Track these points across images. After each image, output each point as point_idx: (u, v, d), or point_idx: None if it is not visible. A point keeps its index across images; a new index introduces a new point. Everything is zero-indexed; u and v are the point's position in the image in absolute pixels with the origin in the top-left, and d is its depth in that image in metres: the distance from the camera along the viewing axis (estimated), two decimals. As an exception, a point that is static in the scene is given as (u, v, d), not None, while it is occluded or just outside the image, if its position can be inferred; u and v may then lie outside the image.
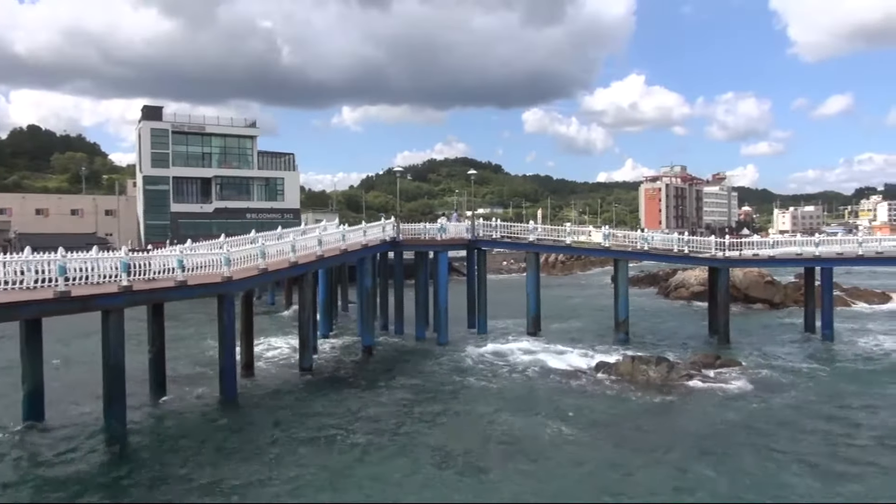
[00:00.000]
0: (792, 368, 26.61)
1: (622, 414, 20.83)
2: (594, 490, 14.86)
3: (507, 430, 19.06)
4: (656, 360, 25.34)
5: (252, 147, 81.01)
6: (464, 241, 36.53)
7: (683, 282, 52.17)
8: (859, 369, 26.76)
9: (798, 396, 22.58)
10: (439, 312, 33.34)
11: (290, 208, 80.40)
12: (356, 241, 32.09)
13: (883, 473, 15.58)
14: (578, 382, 24.61)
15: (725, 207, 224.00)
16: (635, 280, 60.47)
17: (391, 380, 25.23)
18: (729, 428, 19.10)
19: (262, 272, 24.54)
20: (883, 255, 34.67)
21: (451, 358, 29.35)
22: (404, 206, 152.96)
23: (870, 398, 22.26)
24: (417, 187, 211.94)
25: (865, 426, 19.27)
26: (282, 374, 26.26)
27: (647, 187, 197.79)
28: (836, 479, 15.20)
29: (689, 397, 22.48)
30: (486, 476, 15.61)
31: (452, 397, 22.81)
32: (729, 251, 34.39)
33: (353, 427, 19.17)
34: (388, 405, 21.61)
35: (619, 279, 33.91)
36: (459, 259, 52.60)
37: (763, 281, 48.52)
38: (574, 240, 36.40)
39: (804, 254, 34.85)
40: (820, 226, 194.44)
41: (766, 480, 15.19)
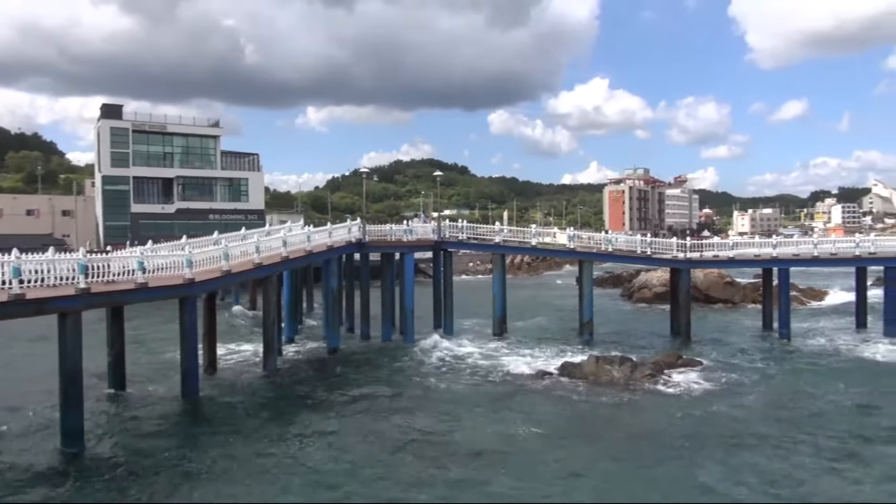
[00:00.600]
0: (751, 367, 27.22)
1: (587, 414, 21.08)
2: (557, 490, 15.00)
3: (471, 431, 19.11)
4: (620, 361, 25.69)
5: (215, 147, 79.82)
6: (430, 243, 36.54)
7: (646, 283, 53.00)
8: (814, 367, 27.46)
9: (757, 395, 23.11)
10: (406, 314, 33.29)
11: (254, 209, 79.43)
12: (321, 242, 31.85)
13: (834, 471, 16.04)
14: (543, 383, 24.80)
15: (687, 209, 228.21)
16: (600, 281, 61.25)
17: (356, 382, 25.09)
18: (690, 427, 19.44)
19: (226, 274, 24.19)
20: (837, 256, 35.73)
21: (417, 359, 29.32)
22: (371, 208, 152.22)
23: (824, 395, 22.87)
24: (384, 188, 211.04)
25: (820, 424, 19.79)
26: (245, 377, 25.90)
27: (611, 189, 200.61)
28: (792, 475, 15.60)
29: (652, 396, 22.84)
30: (450, 477, 15.64)
31: (418, 399, 22.78)
32: (690, 253, 35.08)
33: (317, 432, 18.94)
34: (353, 409, 21.46)
35: (584, 280, 34.31)
36: (426, 260, 52.61)
37: (723, 282, 49.59)
38: (539, 241, 36.70)
39: (762, 255, 35.74)
40: (777, 228, 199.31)
41: (726, 478, 15.50)
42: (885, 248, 35.27)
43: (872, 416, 20.42)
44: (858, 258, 35.10)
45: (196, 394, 21.57)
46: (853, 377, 25.42)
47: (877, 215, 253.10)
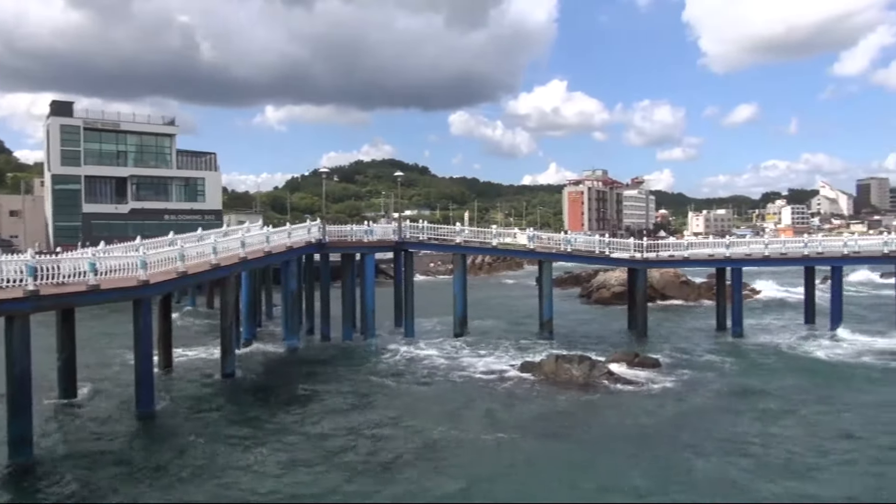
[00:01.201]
0: (705, 365, 27.88)
1: (546, 412, 21.30)
2: (515, 488, 15.14)
3: (431, 431, 19.11)
4: (579, 359, 26.03)
5: (170, 146, 78.08)
6: (391, 243, 36.46)
7: (605, 282, 53.79)
8: (764, 364, 28.25)
9: (711, 391, 23.67)
10: (366, 314, 33.15)
11: (211, 209, 77.93)
12: (281, 242, 31.48)
13: (781, 467, 16.55)
14: (504, 382, 24.98)
15: (644, 210, 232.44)
16: (559, 281, 61.89)
17: (316, 384, 24.88)
18: (647, 424, 19.83)
19: (182, 275, 23.72)
20: (787, 256, 36.87)
21: (377, 360, 29.23)
22: (331, 208, 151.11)
23: (773, 392, 23.57)
24: (344, 189, 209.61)
25: (770, 420, 20.39)
26: (202, 381, 25.44)
27: (570, 190, 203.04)
28: (749, 471, 16.04)
29: (610, 394, 23.22)
30: (408, 477, 15.64)
31: (378, 400, 22.71)
32: (647, 253, 35.76)
33: (276, 436, 18.65)
34: (313, 411, 21.26)
35: (544, 280, 34.66)
36: (386, 261, 52.44)
37: (678, 281, 50.71)
38: (500, 242, 36.94)
39: (716, 255, 36.65)
40: (730, 228, 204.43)
41: (682, 475, 15.85)
42: (831, 249, 36.54)
43: (817, 413, 21.08)
44: (807, 258, 36.25)
45: (151, 399, 21.00)
46: (801, 374, 26.26)
47: (824, 216, 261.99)
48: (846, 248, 36.28)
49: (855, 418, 20.18)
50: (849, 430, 19.00)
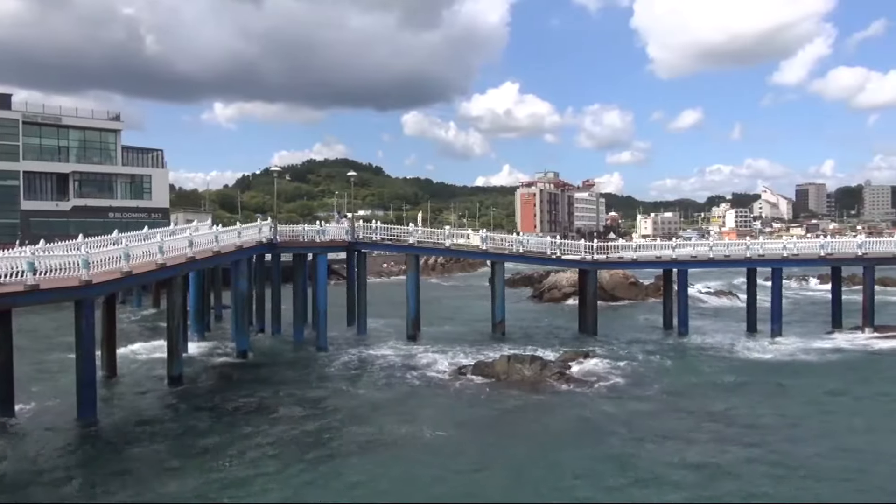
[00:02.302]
0: (653, 363, 28.55)
1: (497, 412, 21.49)
2: (467, 487, 15.23)
3: (383, 432, 19.07)
4: (530, 359, 26.34)
5: (115, 141, 75.69)
6: (343, 243, 36.20)
7: (556, 283, 54.54)
8: (707, 363, 29.07)
9: (658, 389, 24.26)
10: (318, 315, 32.84)
11: (158, 207, 75.86)
12: (230, 242, 30.89)
13: (724, 463, 17.10)
14: (456, 383, 25.08)
15: (594, 212, 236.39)
16: (511, 282, 62.49)
17: (266, 386, 24.51)
18: (596, 421, 20.20)
19: (126, 275, 23.03)
20: (730, 258, 38.08)
21: (329, 362, 29.00)
22: (283, 207, 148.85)
23: (715, 390, 24.38)
24: (296, 188, 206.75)
25: (713, 418, 21.04)
26: (148, 385, 24.78)
27: (522, 192, 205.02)
28: (695, 468, 16.52)
29: (561, 393, 23.57)
30: (358, 480, 15.59)
31: (329, 402, 22.53)
32: (597, 254, 36.42)
33: (224, 442, 18.27)
34: (262, 415, 20.88)
35: (496, 281, 34.95)
36: (339, 261, 52.05)
37: (627, 282, 51.81)
38: (453, 242, 37.08)
39: (663, 257, 37.57)
40: (677, 231, 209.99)
41: (629, 471, 16.21)
42: (771, 251, 37.91)
43: (756, 409, 21.84)
44: (749, 260, 37.50)
45: (93, 405, 20.20)
46: (739, 372, 27.08)
47: (766, 220, 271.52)
48: (786, 250, 37.67)
49: (768, 411, 21.06)
50: (761, 422, 19.80)
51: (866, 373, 26.88)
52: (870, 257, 36.59)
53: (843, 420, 20.44)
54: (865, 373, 26.88)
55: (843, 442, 18.19)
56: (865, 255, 36.54)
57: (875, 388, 24.48)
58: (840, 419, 20.54)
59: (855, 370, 27.44)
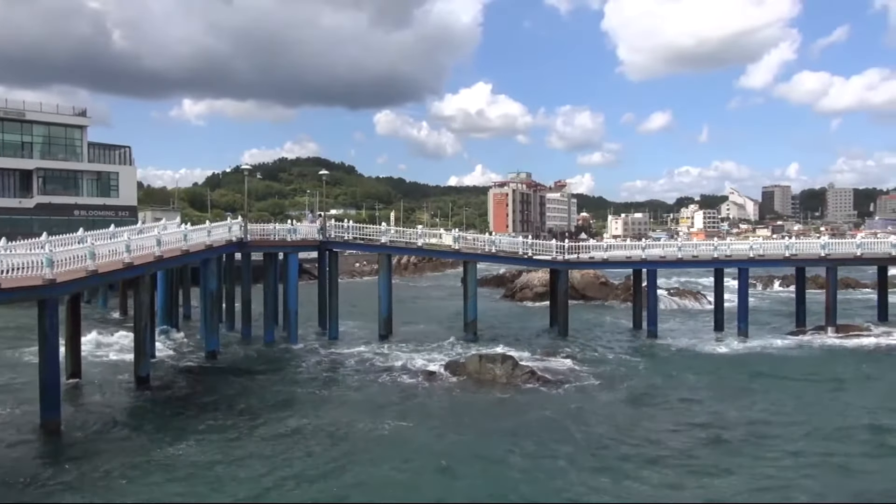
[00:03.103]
0: (622, 363, 28.87)
1: (469, 411, 21.57)
2: (438, 486, 15.26)
3: (355, 432, 19.01)
4: (502, 359, 26.46)
5: (81, 137, 74.10)
6: (315, 243, 35.95)
7: (528, 283, 54.84)
8: (675, 363, 29.48)
9: (628, 389, 24.57)
10: (289, 315, 32.58)
11: (125, 205, 74.47)
12: (200, 241, 30.46)
13: (686, 459, 17.39)
14: (428, 382, 25.08)
15: (566, 213, 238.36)
16: (483, 282, 62.67)
17: (235, 388, 24.27)
18: (567, 420, 20.33)
19: (92, 274, 22.57)
20: (698, 259, 38.69)
21: (300, 362, 28.80)
22: (253, 206, 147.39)
23: (680, 390, 24.71)
24: (268, 186, 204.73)
25: (677, 419, 21.39)
26: (114, 386, 24.33)
27: (495, 192, 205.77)
28: (663, 465, 16.76)
29: (531, 392, 23.72)
30: (333, 479, 15.52)
31: (300, 403, 22.35)
32: (568, 254, 36.71)
33: (191, 443, 18.04)
34: (230, 416, 20.64)
35: (469, 281, 35.03)
36: (311, 261, 51.69)
37: (598, 282, 52.31)
38: (426, 242, 37.06)
39: (633, 257, 38.01)
40: (647, 231, 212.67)
41: (597, 470, 16.39)
42: (738, 252, 38.60)
43: (721, 407, 22.24)
44: (717, 260, 38.12)
45: (57, 406, 19.69)
46: (705, 370, 27.61)
47: (733, 221, 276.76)
48: (752, 251, 38.37)
49: (733, 410, 21.52)
50: (726, 421, 20.22)
51: (827, 371, 27.51)
52: (832, 258, 37.47)
53: (803, 416, 20.90)
54: (826, 371, 27.51)
55: (802, 438, 18.64)
56: (828, 257, 37.41)
57: (834, 386, 25.12)
58: (801, 416, 21.00)
59: (817, 368, 28.05)
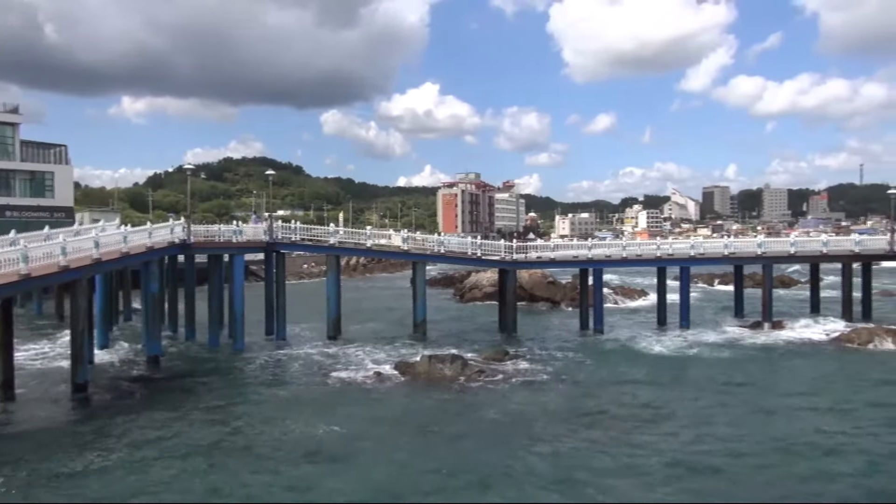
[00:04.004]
0: (569, 361, 29.33)
1: (419, 411, 21.58)
2: (387, 486, 15.23)
3: (303, 435, 18.81)
4: (451, 359, 26.57)
5: (13, 135, 70.95)
6: (261, 244, 35.36)
7: (477, 283, 55.17)
8: (619, 359, 30.15)
9: (574, 385, 25.01)
10: (235, 318, 31.96)
11: (61, 206, 71.64)
12: (140, 243, 29.59)
13: (630, 455, 17.83)
14: (377, 384, 24.99)
15: (514, 213, 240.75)
16: (433, 282, 62.78)
17: (178, 393, 23.66)
18: (515, 418, 20.59)
19: (24, 278, 21.65)
20: (642, 258, 39.67)
21: (246, 366, 28.30)
22: (197, 207, 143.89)
23: (624, 385, 25.26)
24: (212, 187, 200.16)
25: (630, 406, 21.89)
26: (50, 395, 23.39)
27: (444, 193, 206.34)
28: (609, 462, 17.12)
29: (480, 392, 23.88)
30: (282, 482, 15.31)
31: (246, 409, 21.94)
32: (516, 254, 37.12)
33: (129, 451, 17.48)
34: (173, 422, 20.10)
35: (418, 281, 35.04)
36: (257, 262, 50.83)
37: (546, 281, 52.94)
38: (375, 243, 36.91)
39: (579, 256, 38.71)
40: (593, 231, 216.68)
41: (549, 466, 16.63)
42: (680, 251, 39.75)
43: (662, 401, 22.86)
44: (659, 259, 39.19)
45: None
46: (646, 366, 28.28)
47: (675, 220, 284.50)
48: (693, 250, 39.59)
49: (675, 403, 22.17)
50: (668, 413, 20.87)
51: (761, 363, 28.61)
52: (768, 256, 38.99)
53: (734, 406, 21.71)
54: (760, 363, 28.60)
55: (731, 424, 19.34)
56: (764, 255, 38.91)
57: (765, 377, 26.20)
58: (734, 405, 21.83)
59: (751, 361, 29.12)
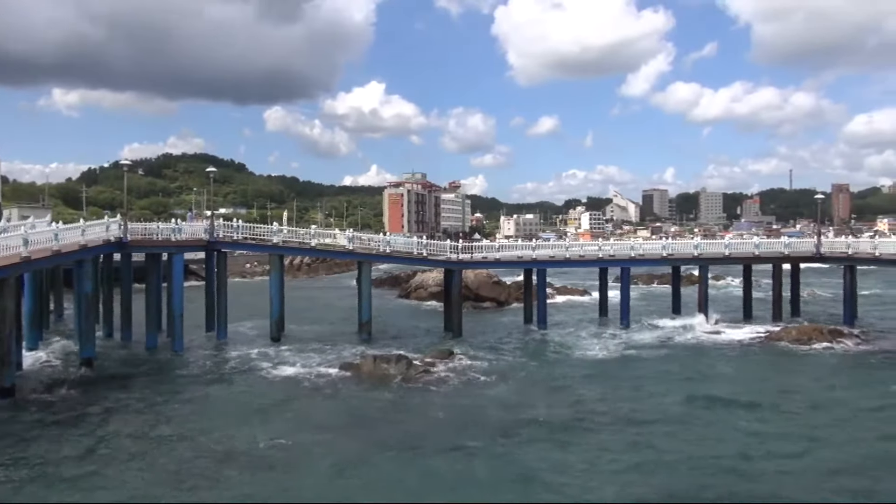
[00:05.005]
0: (512, 359, 29.70)
1: (363, 411, 21.50)
2: (333, 487, 15.12)
3: (245, 437, 18.49)
4: (396, 359, 26.55)
5: (-67, 127, 67.40)
6: (202, 243, 34.54)
7: (422, 283, 55.22)
8: (563, 357, 30.70)
9: (516, 383, 25.34)
10: (174, 318, 31.10)
11: (-15, 202, 68.36)
12: (73, 241, 28.49)
13: (564, 449, 18.20)
14: (321, 385, 24.76)
15: (461, 213, 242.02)
16: (378, 282, 62.52)
17: (112, 397, 22.88)
18: (460, 416, 20.74)
19: (-54, 277, 20.59)
20: (584, 258, 40.47)
21: (184, 367, 27.63)
22: (135, 204, 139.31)
23: (565, 382, 25.78)
24: (151, 183, 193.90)
25: (572, 404, 22.30)
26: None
27: (390, 193, 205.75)
28: (546, 460, 17.39)
29: (425, 391, 23.95)
30: (227, 485, 15.02)
31: (184, 412, 21.41)
32: (462, 254, 37.33)
33: (57, 458, 16.86)
34: (106, 429, 19.44)
35: (363, 281, 34.84)
36: (198, 261, 49.58)
37: (491, 281, 53.39)
38: (319, 242, 36.53)
39: (524, 257, 39.22)
40: (538, 232, 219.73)
41: (492, 463, 16.81)
42: (620, 252, 40.71)
43: (601, 395, 23.43)
44: (601, 259, 40.07)
45: None
46: (590, 363, 28.98)
47: (616, 222, 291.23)
48: (633, 251, 40.60)
49: (613, 397, 22.78)
50: (605, 409, 21.45)
51: (694, 361, 29.62)
52: (704, 257, 40.35)
53: (671, 397, 22.45)
54: (694, 361, 29.61)
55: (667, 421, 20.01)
56: (700, 256, 40.26)
57: (698, 374, 27.12)
58: (670, 397, 22.61)
59: (686, 359, 30.09)
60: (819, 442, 18.29)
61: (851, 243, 40.45)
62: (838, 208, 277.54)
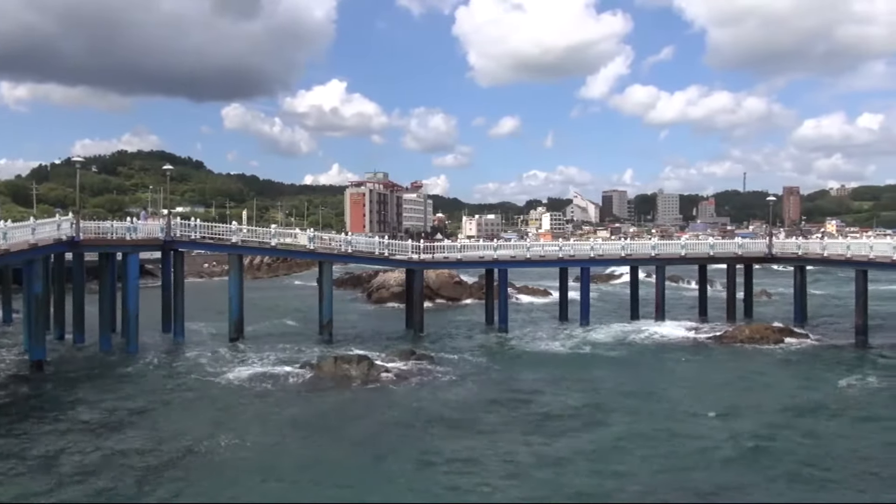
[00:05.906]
0: (473, 359, 29.79)
1: (324, 412, 21.40)
2: (295, 487, 15.02)
3: (203, 440, 18.20)
4: (357, 359, 26.44)
5: None
6: (158, 242, 33.86)
7: (384, 283, 55.05)
8: (524, 356, 31.02)
9: (477, 383, 25.44)
10: (128, 319, 30.41)
11: (-71, 199, 65.76)
12: (22, 239, 27.58)
13: (532, 444, 18.43)
14: (281, 386, 24.51)
15: (423, 213, 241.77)
16: (340, 282, 62.13)
17: (64, 401, 22.27)
18: (421, 415, 20.78)
19: None
20: (545, 258, 40.89)
21: (139, 370, 27.03)
22: (88, 202, 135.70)
23: (526, 381, 25.98)
24: (105, 181, 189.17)
25: (523, 406, 22.53)
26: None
27: (352, 192, 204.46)
28: (507, 459, 17.57)
29: (386, 391, 23.93)
30: (186, 488, 14.77)
31: (144, 415, 20.95)
32: (423, 254, 37.36)
33: (5, 465, 16.41)
34: (56, 433, 18.89)
35: (324, 281, 34.60)
36: (154, 261, 48.56)
37: (452, 281, 53.65)
38: (280, 242, 36.15)
39: (485, 257, 39.45)
40: (499, 232, 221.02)
41: (453, 461, 16.89)
42: (581, 252, 41.26)
43: (560, 395, 23.74)
44: (562, 259, 40.55)
45: None
46: (550, 362, 29.34)
47: (577, 223, 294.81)
48: (593, 251, 41.20)
49: (573, 398, 23.15)
50: (565, 409, 21.80)
51: (650, 360, 30.26)
52: (661, 258, 41.18)
53: (626, 403, 22.87)
54: (650, 360, 30.25)
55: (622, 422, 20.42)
56: (658, 256, 41.08)
57: (654, 373, 27.71)
58: (626, 403, 22.97)
59: (643, 358, 30.71)
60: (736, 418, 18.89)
61: (801, 244, 41.76)
62: (789, 210, 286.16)
